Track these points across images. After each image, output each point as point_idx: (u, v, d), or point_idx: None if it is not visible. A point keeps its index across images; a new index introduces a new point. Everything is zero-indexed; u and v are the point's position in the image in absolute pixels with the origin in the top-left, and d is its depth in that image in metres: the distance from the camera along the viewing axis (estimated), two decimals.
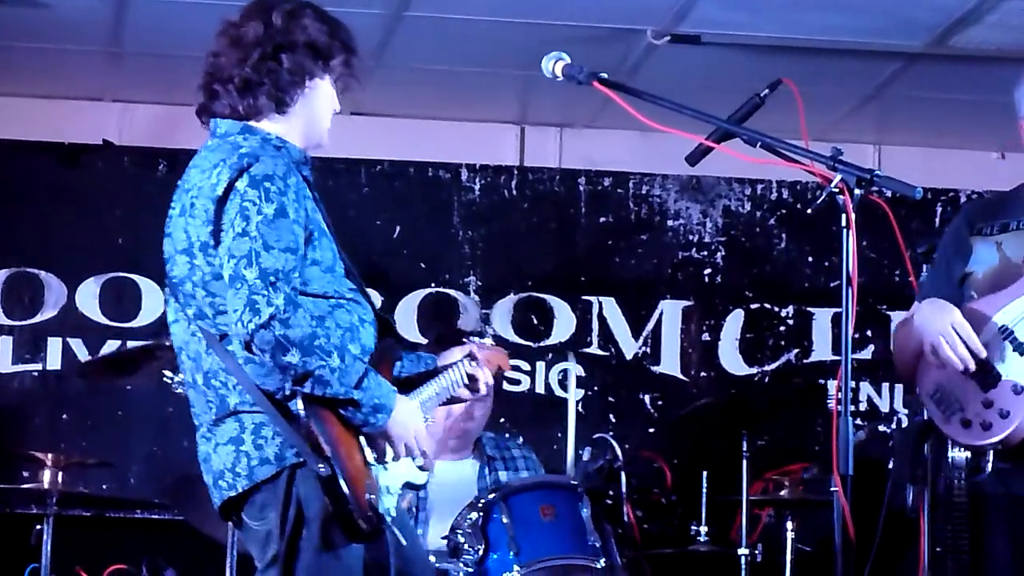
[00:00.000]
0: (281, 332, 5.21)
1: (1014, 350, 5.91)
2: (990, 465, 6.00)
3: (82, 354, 9.52)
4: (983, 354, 5.93)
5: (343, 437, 5.40)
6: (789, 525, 8.44)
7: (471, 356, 6.07)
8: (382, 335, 5.76)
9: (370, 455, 5.50)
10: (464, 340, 6.31)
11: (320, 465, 5.27)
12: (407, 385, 5.81)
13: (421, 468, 5.82)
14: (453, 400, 6.05)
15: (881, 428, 10.02)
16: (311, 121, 5.70)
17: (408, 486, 5.79)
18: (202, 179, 5.44)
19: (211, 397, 5.50)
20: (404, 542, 5.60)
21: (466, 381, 6.04)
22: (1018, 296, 5.96)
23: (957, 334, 5.94)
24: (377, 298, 9.61)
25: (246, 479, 5.42)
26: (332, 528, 5.38)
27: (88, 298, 9.74)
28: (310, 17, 5.68)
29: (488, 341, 6.48)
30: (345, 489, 5.30)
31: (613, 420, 9.89)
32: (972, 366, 5.93)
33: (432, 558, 6.85)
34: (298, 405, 5.31)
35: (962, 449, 6.07)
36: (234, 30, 5.63)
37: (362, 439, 5.48)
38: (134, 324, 9.29)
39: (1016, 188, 6.26)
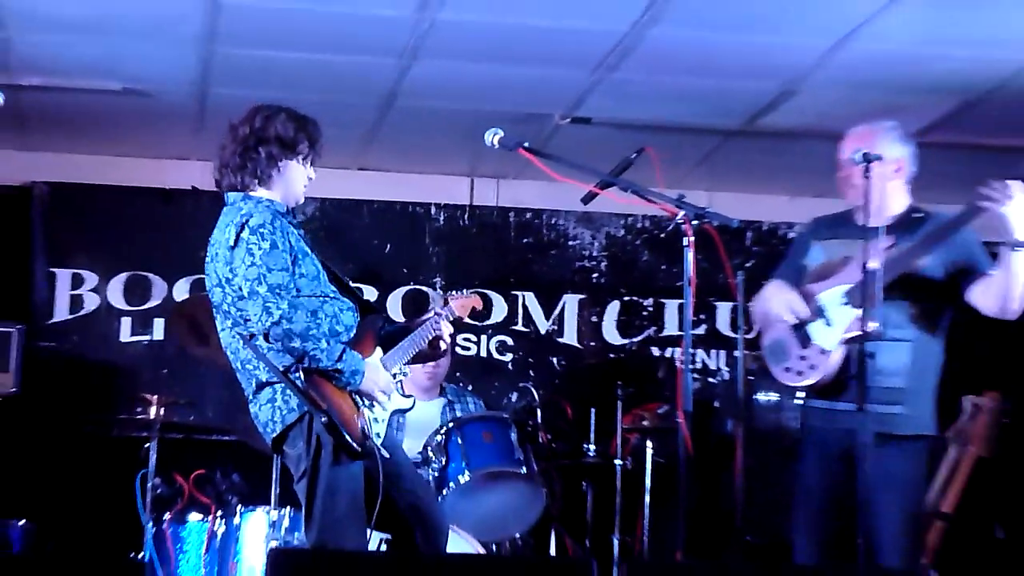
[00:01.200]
0: (288, 327, 5.46)
1: (824, 323, 5.97)
2: (796, 400, 6.04)
3: None
4: (806, 315, 6.01)
5: (335, 393, 5.58)
6: (649, 444, 8.36)
7: (437, 314, 6.20)
8: (367, 313, 5.91)
9: (358, 400, 5.67)
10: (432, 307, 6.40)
11: (321, 417, 5.44)
12: (388, 340, 5.99)
13: (406, 396, 6.01)
14: (420, 353, 6.14)
15: (710, 380, 10.04)
16: (287, 188, 5.82)
17: (397, 412, 5.94)
18: (219, 235, 5.69)
19: (248, 377, 5.72)
20: (387, 455, 5.69)
21: (430, 339, 6.14)
22: (832, 286, 6.03)
23: (789, 304, 6.06)
24: (374, 292, 9.64)
25: (281, 423, 5.63)
26: (339, 451, 5.53)
27: (181, 292, 9.71)
28: (281, 119, 5.81)
29: (459, 294, 6.58)
30: (341, 429, 5.48)
31: (532, 374, 9.87)
32: (795, 323, 6.04)
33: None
34: (300, 377, 5.50)
35: (770, 393, 6.12)
36: (232, 130, 5.86)
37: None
38: None
39: (845, 211, 6.25)
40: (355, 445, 5.52)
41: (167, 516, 7.68)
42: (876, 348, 5.79)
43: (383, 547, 6.57)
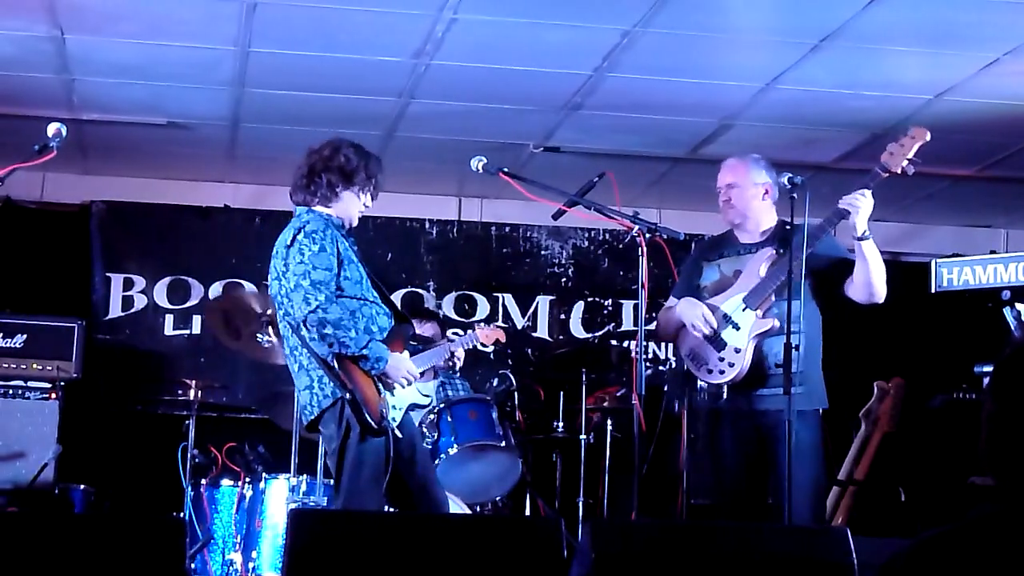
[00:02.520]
0: (322, 316, 5.43)
1: (732, 327, 5.96)
2: (725, 392, 6.01)
3: None
4: (716, 327, 5.96)
5: (362, 378, 5.55)
6: (609, 422, 8.36)
7: (451, 341, 6.42)
8: (400, 322, 5.87)
9: (382, 388, 5.62)
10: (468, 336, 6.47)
11: (346, 394, 5.46)
12: (414, 351, 6.01)
13: (424, 395, 6.00)
14: (437, 366, 6.21)
15: (660, 368, 10.03)
16: (343, 211, 5.79)
17: (414, 406, 5.89)
18: (282, 237, 5.69)
19: (293, 361, 5.70)
20: (400, 435, 5.66)
21: (447, 357, 6.34)
22: (731, 296, 6.03)
23: (704, 317, 5.96)
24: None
25: (317, 407, 5.61)
26: (363, 429, 5.52)
27: (215, 293, 9.67)
28: (345, 152, 5.79)
29: (486, 327, 6.69)
30: (362, 408, 5.48)
31: (510, 363, 9.80)
32: (710, 334, 5.96)
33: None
34: (333, 362, 5.49)
35: (706, 384, 6.09)
36: (308, 155, 5.81)
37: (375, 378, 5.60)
38: None
39: (725, 233, 6.29)
40: (373, 423, 5.51)
41: (203, 482, 7.68)
42: (776, 341, 5.85)
43: None
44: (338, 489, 5.62)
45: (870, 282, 5.90)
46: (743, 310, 5.95)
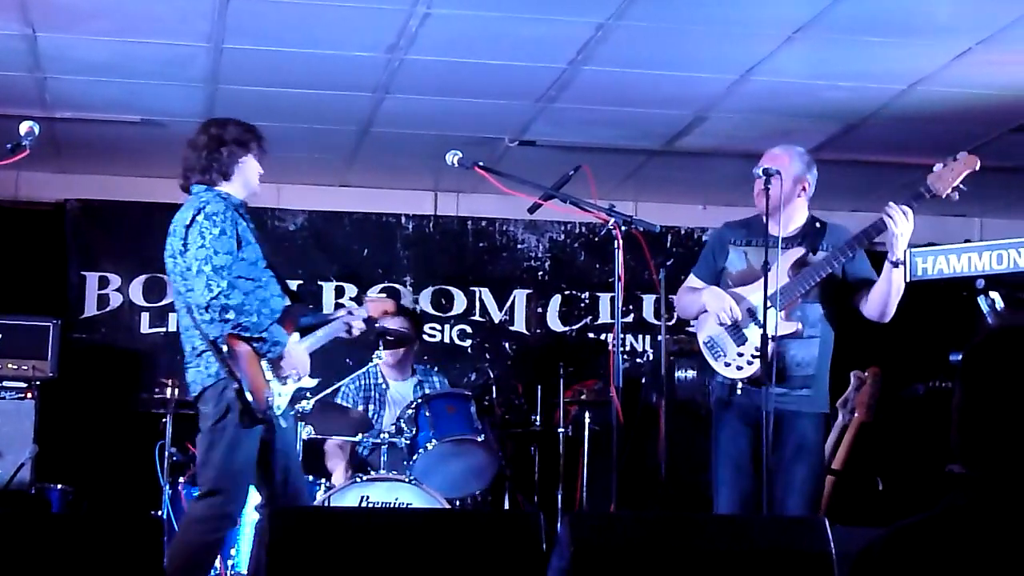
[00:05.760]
0: (225, 302, 5.55)
1: (756, 324, 5.93)
2: (740, 388, 5.99)
3: None
4: (740, 319, 5.97)
5: (252, 365, 5.63)
6: (586, 415, 8.38)
7: (349, 313, 6.25)
8: (294, 302, 6.00)
9: (270, 375, 5.69)
10: (343, 305, 6.41)
11: (233, 384, 5.56)
12: (307, 330, 6.02)
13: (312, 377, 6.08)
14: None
15: (637, 360, 10.05)
16: (246, 182, 5.91)
17: (302, 389, 6.06)
18: (180, 215, 5.79)
19: (185, 341, 5.79)
20: (284, 425, 5.81)
21: (345, 329, 6.18)
22: (757, 290, 5.93)
23: (729, 309, 5.96)
24: (354, 289, 9.58)
25: (200, 385, 5.73)
26: (244, 415, 5.62)
27: None
28: (232, 125, 5.92)
29: (374, 296, 6.66)
30: (248, 396, 5.59)
31: (488, 358, 9.84)
32: (730, 323, 5.95)
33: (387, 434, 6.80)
34: (224, 348, 5.59)
35: (687, 371, 6.10)
36: (193, 143, 5.97)
37: (264, 365, 5.68)
38: None
39: (755, 216, 6.12)
40: (257, 412, 5.62)
41: (181, 480, 7.66)
42: (796, 344, 5.90)
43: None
44: (206, 466, 5.74)
45: (887, 304, 5.94)
46: (768, 307, 5.88)
